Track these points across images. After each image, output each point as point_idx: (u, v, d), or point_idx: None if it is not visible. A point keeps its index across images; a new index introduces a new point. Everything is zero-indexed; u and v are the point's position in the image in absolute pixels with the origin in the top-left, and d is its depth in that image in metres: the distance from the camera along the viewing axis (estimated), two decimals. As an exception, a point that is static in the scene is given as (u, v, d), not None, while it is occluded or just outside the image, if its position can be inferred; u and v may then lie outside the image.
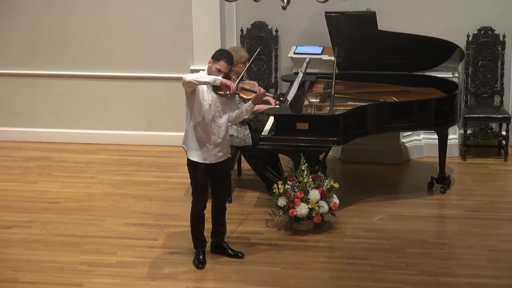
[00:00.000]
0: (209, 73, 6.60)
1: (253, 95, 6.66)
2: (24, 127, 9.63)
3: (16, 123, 9.63)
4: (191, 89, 6.58)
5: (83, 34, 9.31)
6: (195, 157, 6.70)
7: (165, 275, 6.76)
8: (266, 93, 6.79)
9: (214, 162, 6.71)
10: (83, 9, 9.24)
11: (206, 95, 6.58)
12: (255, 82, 6.80)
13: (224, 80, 6.52)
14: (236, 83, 6.62)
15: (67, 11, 9.26)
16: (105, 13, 9.23)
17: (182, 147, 6.86)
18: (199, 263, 6.85)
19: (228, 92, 6.55)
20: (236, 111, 6.73)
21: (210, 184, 6.88)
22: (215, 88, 6.58)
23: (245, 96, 6.69)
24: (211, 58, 6.61)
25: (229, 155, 6.88)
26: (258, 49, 7.21)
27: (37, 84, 9.50)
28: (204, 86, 6.59)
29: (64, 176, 8.70)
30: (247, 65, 7.26)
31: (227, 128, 6.77)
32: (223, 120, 6.67)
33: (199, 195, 6.77)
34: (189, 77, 6.51)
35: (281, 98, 7.14)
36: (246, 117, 6.81)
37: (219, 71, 6.55)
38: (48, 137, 9.58)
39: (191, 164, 6.76)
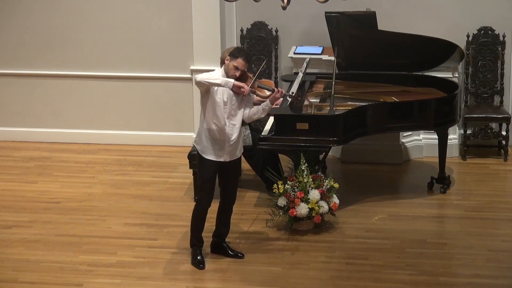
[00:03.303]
0: (226, 71, 6.59)
1: (270, 93, 6.65)
2: (24, 127, 9.63)
3: (16, 123, 9.63)
4: (205, 87, 6.57)
5: (83, 34, 9.31)
6: (210, 156, 6.68)
7: (165, 275, 6.76)
8: (285, 93, 6.79)
9: (228, 160, 6.71)
10: (83, 9, 9.24)
11: (221, 93, 6.57)
12: (271, 81, 6.79)
13: (237, 83, 6.49)
14: (252, 82, 6.60)
15: (67, 11, 9.26)
16: (105, 13, 9.23)
17: (194, 145, 6.83)
18: (199, 263, 6.85)
19: (249, 88, 6.54)
20: (251, 109, 6.73)
21: (219, 183, 6.89)
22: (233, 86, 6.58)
23: (262, 95, 6.68)
24: (229, 56, 6.61)
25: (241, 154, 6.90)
26: (265, 60, 7.10)
27: (37, 84, 9.50)
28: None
29: (64, 176, 8.70)
30: (256, 75, 7.00)
31: (241, 126, 6.77)
32: (238, 118, 6.66)
33: (205, 193, 6.76)
34: (199, 77, 6.48)
35: (297, 97, 7.17)
36: (262, 116, 6.78)
37: (236, 69, 6.54)
38: (48, 137, 9.58)
39: (201, 162, 6.75)
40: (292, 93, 7.53)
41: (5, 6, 9.32)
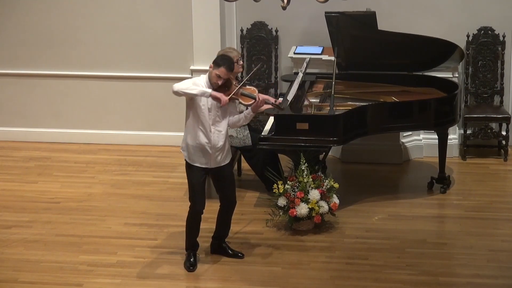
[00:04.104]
0: (210, 78, 6.58)
1: (253, 101, 6.64)
2: (24, 127, 9.63)
3: (16, 123, 9.63)
4: (177, 96, 6.57)
5: (83, 34, 9.31)
6: (196, 162, 6.69)
7: (165, 275, 6.76)
8: (266, 102, 6.79)
9: (214, 166, 6.70)
10: (83, 10, 9.24)
11: (205, 100, 6.57)
12: (255, 89, 6.76)
13: (214, 93, 6.48)
14: (235, 90, 6.58)
15: (68, 11, 9.26)
16: (105, 13, 9.23)
17: (181, 151, 6.84)
18: (190, 265, 6.84)
19: (230, 95, 6.54)
20: (235, 116, 6.72)
21: (216, 189, 6.89)
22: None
23: (244, 102, 6.65)
24: (212, 63, 6.60)
25: (230, 159, 6.86)
26: (259, 65, 7.06)
27: (37, 84, 9.50)
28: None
29: (64, 176, 8.70)
30: (241, 83, 6.85)
31: (228, 133, 6.75)
32: (223, 124, 6.66)
33: (196, 200, 6.75)
34: (176, 86, 6.49)
35: (281, 106, 7.11)
36: (245, 123, 6.81)
37: (218, 77, 6.53)
38: (48, 137, 9.58)
39: (189, 168, 6.75)
40: (277, 101, 7.49)
41: (5, 6, 9.32)
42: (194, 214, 6.79)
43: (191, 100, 6.59)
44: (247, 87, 6.81)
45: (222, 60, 6.58)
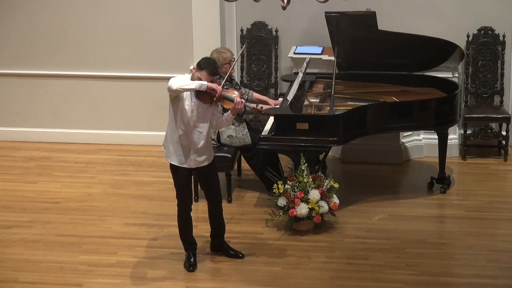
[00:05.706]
0: (192, 79, 6.59)
1: (232, 104, 6.63)
2: (24, 127, 9.63)
3: (16, 123, 9.63)
4: (175, 94, 6.58)
5: (83, 34, 9.31)
6: (174, 160, 6.70)
7: (165, 275, 6.76)
8: (246, 104, 6.75)
9: (194, 167, 6.70)
10: (83, 9, 9.24)
11: (189, 101, 6.57)
12: (236, 92, 6.75)
13: (210, 84, 6.49)
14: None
15: (67, 11, 9.27)
16: (105, 13, 9.23)
17: (162, 148, 6.83)
18: (190, 266, 6.84)
19: (214, 97, 6.52)
20: (218, 118, 6.70)
21: (201, 187, 6.91)
22: (198, 95, 6.56)
23: (225, 106, 6.65)
24: (196, 65, 6.60)
25: (213, 160, 6.80)
26: (245, 45, 7.03)
27: (37, 84, 9.50)
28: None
29: (64, 176, 8.70)
30: (234, 62, 6.95)
31: (210, 134, 6.74)
32: (205, 126, 6.64)
33: (183, 198, 6.77)
34: (175, 85, 6.45)
35: (262, 110, 7.00)
36: (226, 125, 6.78)
37: (200, 80, 6.54)
38: (48, 137, 9.58)
39: (172, 167, 6.76)
40: (259, 106, 7.43)
41: (5, 6, 9.32)
42: (183, 213, 6.80)
43: (176, 99, 6.59)
44: (230, 89, 6.81)
45: (205, 64, 6.57)
